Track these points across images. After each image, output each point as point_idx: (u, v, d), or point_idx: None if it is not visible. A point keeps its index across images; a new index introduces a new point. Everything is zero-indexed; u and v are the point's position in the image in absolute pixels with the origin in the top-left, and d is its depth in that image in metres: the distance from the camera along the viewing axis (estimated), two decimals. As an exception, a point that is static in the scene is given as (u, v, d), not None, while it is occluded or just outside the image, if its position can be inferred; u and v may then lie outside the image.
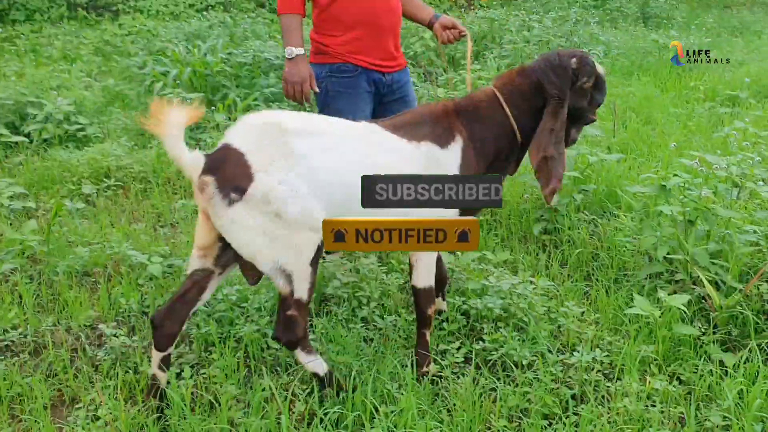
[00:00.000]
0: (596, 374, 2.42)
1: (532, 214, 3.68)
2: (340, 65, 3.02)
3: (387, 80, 3.08)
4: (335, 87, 3.03)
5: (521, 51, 7.36)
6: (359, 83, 3.04)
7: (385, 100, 3.12)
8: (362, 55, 3.00)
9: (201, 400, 2.34)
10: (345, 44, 3.00)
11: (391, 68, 3.08)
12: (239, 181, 2.07)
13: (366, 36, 2.99)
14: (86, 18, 10.43)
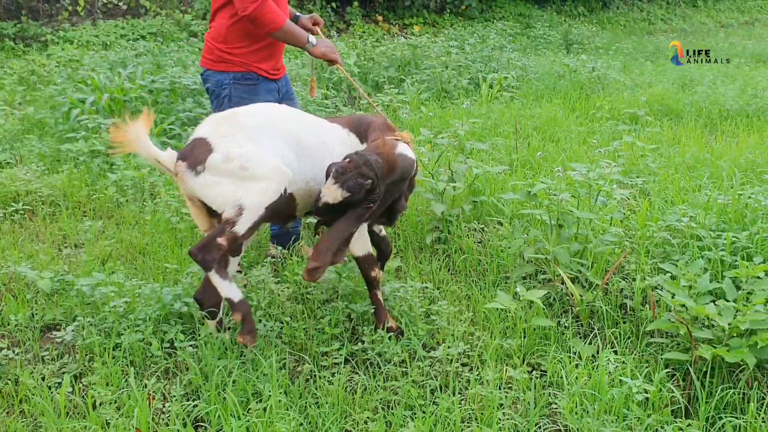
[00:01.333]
0: (458, 366, 2.57)
1: (426, 224, 3.85)
2: (245, 74, 3.31)
3: (280, 86, 3.44)
4: (239, 93, 3.30)
5: (440, 76, 7.62)
6: (260, 90, 3.34)
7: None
8: (263, 65, 3.31)
9: (78, 406, 2.40)
10: (250, 54, 3.29)
11: (278, 75, 3.42)
12: (202, 156, 2.49)
13: (270, 47, 3.33)
14: (14, 48, 10.36)
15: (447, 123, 5.83)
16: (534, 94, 7.55)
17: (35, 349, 2.81)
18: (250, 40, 3.28)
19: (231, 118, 2.61)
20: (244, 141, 2.53)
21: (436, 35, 12.67)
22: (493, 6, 15.47)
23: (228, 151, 2.49)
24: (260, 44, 3.30)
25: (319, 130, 2.80)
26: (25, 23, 11.07)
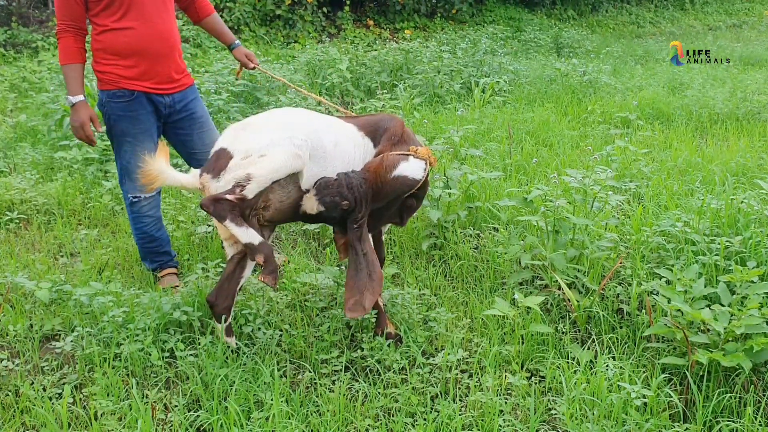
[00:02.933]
0: (457, 373, 2.59)
1: (422, 231, 3.87)
2: (116, 91, 3.19)
3: (167, 101, 3.29)
4: (116, 111, 3.22)
5: (432, 80, 7.65)
6: (137, 107, 3.22)
7: (170, 119, 3.36)
8: (138, 81, 3.18)
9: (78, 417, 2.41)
10: (120, 71, 3.16)
11: (170, 90, 3.29)
12: (224, 162, 2.57)
13: (140, 63, 3.17)
14: (5, 55, 10.31)
15: (440, 128, 5.86)
16: (526, 98, 7.59)
17: (35, 359, 2.81)
18: (116, 58, 3.14)
19: (248, 126, 2.67)
20: (261, 137, 2.59)
21: (427, 39, 12.71)
22: (483, 10, 15.53)
23: (246, 149, 2.56)
24: (129, 61, 3.15)
25: (334, 130, 2.80)
26: (15, 29, 11.03)
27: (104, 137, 5.08)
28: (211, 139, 3.37)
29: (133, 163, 3.22)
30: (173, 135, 3.41)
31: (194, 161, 3.47)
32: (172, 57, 3.27)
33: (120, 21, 3.10)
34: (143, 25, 3.13)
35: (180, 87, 3.33)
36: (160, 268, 3.54)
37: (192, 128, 3.39)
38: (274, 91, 6.83)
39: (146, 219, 3.43)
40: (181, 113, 3.35)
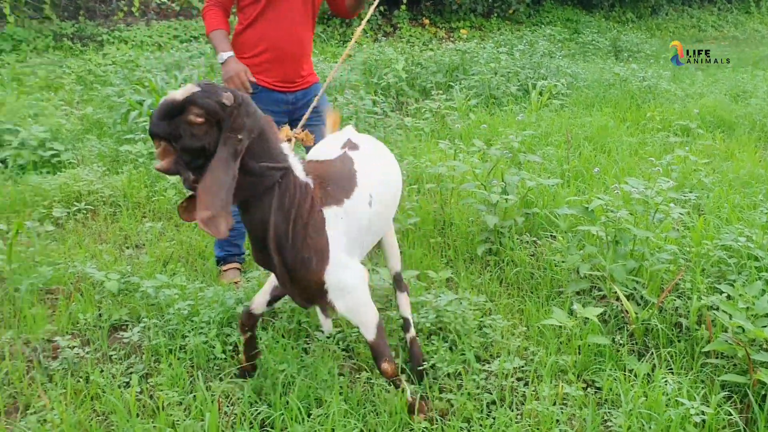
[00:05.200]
0: (513, 381, 2.61)
1: (478, 236, 3.89)
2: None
3: (290, 98, 3.43)
4: None
5: (488, 82, 7.64)
6: (260, 100, 3.27)
7: (294, 116, 3.45)
8: (264, 76, 3.34)
9: (146, 406, 2.51)
10: (251, 66, 3.30)
11: (295, 88, 3.43)
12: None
13: (270, 62, 3.33)
14: (72, 48, 10.67)
15: (496, 131, 5.85)
16: (584, 102, 7.52)
17: (104, 348, 2.93)
18: (250, 52, 3.33)
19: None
20: None
21: (483, 39, 12.66)
22: (540, 11, 15.38)
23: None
24: (260, 58, 3.32)
25: None
26: (82, 23, 11.40)
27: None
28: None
29: None
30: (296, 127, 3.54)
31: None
32: (302, 59, 3.41)
33: (259, 19, 3.25)
34: (280, 26, 3.26)
35: (305, 85, 3.46)
36: (225, 261, 3.63)
37: (312, 121, 3.41)
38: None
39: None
40: (303, 109, 3.43)
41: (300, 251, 2.21)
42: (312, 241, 2.21)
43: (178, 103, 2.02)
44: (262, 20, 3.26)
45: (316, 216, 2.23)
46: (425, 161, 4.80)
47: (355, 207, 2.33)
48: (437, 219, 4.17)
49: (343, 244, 2.28)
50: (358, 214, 2.34)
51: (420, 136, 6.11)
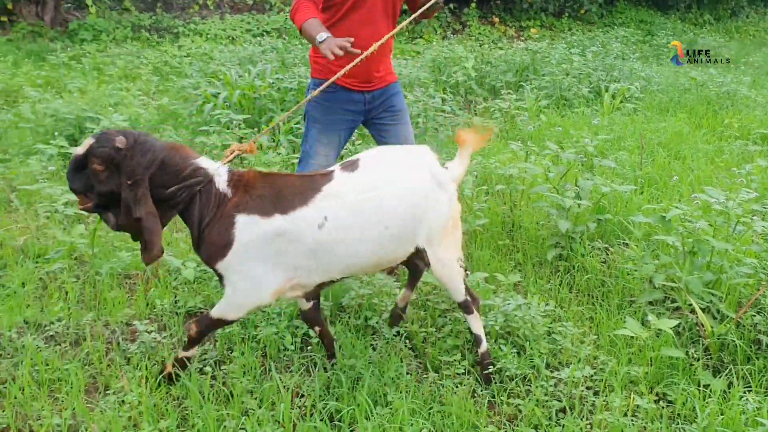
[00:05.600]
0: (583, 390, 2.57)
1: (548, 240, 3.84)
2: (323, 80, 3.33)
3: (368, 98, 3.43)
4: (316, 98, 3.39)
5: (559, 83, 7.52)
6: (337, 98, 3.41)
7: (371, 114, 3.49)
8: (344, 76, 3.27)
9: (219, 392, 2.58)
10: (330, 64, 3.29)
11: (372, 87, 3.43)
12: None
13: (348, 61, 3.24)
14: (149, 39, 11.00)
15: (567, 133, 5.76)
16: (657, 106, 7.33)
17: (179, 334, 3.02)
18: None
19: None
20: None
21: (553, 39, 12.48)
22: (613, 11, 15.04)
23: None
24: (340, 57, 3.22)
25: None
26: (159, 15, 11.74)
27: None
28: (404, 133, 3.50)
29: (313, 150, 3.41)
30: (372, 126, 3.55)
31: None
32: (382, 60, 3.41)
33: (343, 20, 3.26)
34: (362, 28, 3.24)
35: (382, 84, 3.46)
36: None
37: (388, 121, 3.50)
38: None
39: None
40: (380, 108, 3.47)
41: (206, 246, 2.44)
42: (212, 238, 2.41)
43: (81, 157, 2.33)
44: (345, 21, 3.27)
45: (225, 220, 2.40)
46: (494, 162, 4.77)
47: (291, 225, 2.39)
48: (506, 221, 4.14)
49: (256, 252, 2.39)
50: (297, 233, 2.39)
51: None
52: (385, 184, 2.50)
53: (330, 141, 3.45)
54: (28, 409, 2.50)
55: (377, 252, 2.51)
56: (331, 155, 3.48)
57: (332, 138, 3.45)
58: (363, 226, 2.45)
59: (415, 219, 2.54)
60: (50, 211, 4.12)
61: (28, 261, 3.62)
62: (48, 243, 3.77)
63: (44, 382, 2.64)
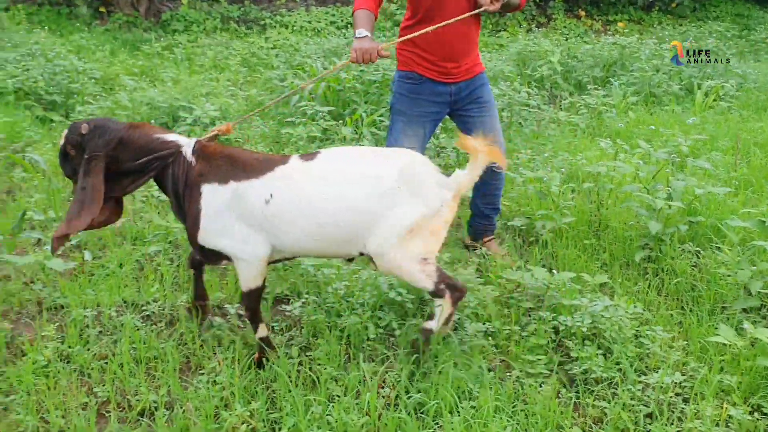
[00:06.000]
0: (672, 396, 2.51)
1: (636, 241, 3.75)
2: (408, 73, 3.47)
3: (454, 89, 3.45)
4: (401, 90, 3.50)
5: (649, 79, 7.30)
6: (422, 90, 3.45)
7: (456, 105, 3.51)
8: (429, 68, 3.39)
9: (305, 378, 2.65)
10: (415, 56, 3.40)
11: (459, 79, 3.44)
12: None
13: (436, 56, 3.37)
14: (237, 30, 11.30)
15: (657, 131, 5.59)
16: (754, 105, 7.01)
17: (267, 319, 3.11)
18: (414, 45, 3.38)
19: None
20: None
21: (641, 33, 12.10)
22: (707, 5, 14.43)
23: None
24: (426, 52, 3.37)
25: None
26: (247, 7, 12.02)
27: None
28: (491, 124, 3.52)
29: (399, 142, 3.46)
30: (458, 118, 3.58)
31: None
32: (468, 53, 3.43)
33: (429, 16, 3.27)
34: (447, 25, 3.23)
35: (469, 75, 3.47)
36: None
37: (475, 112, 3.52)
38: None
39: None
40: (466, 99, 3.49)
41: (188, 213, 2.67)
42: (189, 208, 2.66)
43: (62, 146, 2.70)
44: (431, 17, 3.26)
45: (194, 189, 2.64)
46: (582, 158, 4.68)
47: (244, 192, 2.57)
48: (592, 220, 4.06)
49: (226, 216, 2.58)
50: (248, 201, 2.57)
51: (575, 132, 5.96)
52: (334, 179, 2.56)
53: (415, 133, 3.48)
54: (127, 384, 2.63)
55: (316, 242, 2.60)
56: (417, 148, 3.48)
57: (417, 131, 3.49)
58: (301, 214, 2.55)
59: (358, 222, 2.55)
60: (147, 196, 4.31)
61: (126, 243, 3.80)
62: (144, 227, 3.95)
63: (142, 359, 2.78)
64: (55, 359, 2.76)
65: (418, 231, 2.56)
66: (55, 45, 8.13)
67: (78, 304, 3.14)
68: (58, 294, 3.26)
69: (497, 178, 3.71)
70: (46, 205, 4.22)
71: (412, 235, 2.56)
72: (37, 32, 8.92)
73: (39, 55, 7.30)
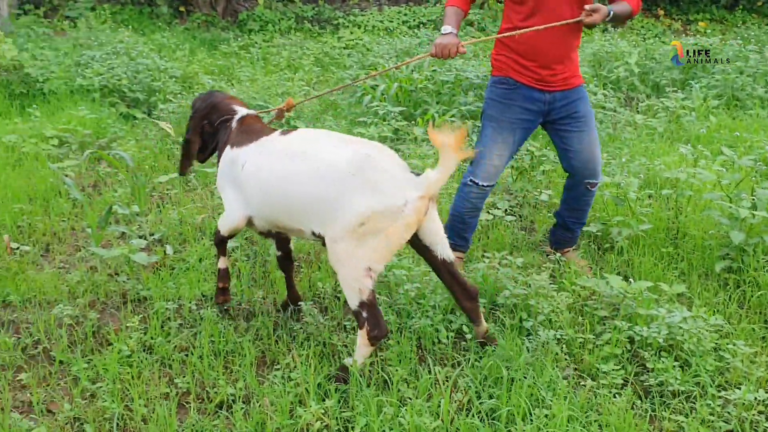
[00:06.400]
0: (755, 414, 2.43)
1: (716, 251, 3.64)
2: (501, 78, 3.40)
3: (548, 98, 3.34)
4: (494, 95, 3.43)
5: (732, 82, 7.03)
6: (515, 96, 3.36)
7: (550, 117, 3.41)
8: (522, 72, 3.32)
9: (377, 378, 2.69)
10: (510, 61, 3.34)
11: (554, 88, 3.33)
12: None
13: (533, 62, 3.29)
14: (310, 30, 11.46)
15: (741, 137, 5.39)
16: None
17: (339, 317, 3.17)
18: (510, 50, 3.34)
19: None
20: None
21: (723, 33, 11.66)
22: (796, 2, 13.77)
23: None
24: (522, 58, 3.30)
25: None
26: (321, 6, 12.18)
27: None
28: (588, 141, 3.42)
29: (487, 148, 3.40)
30: (552, 131, 3.49)
31: (565, 160, 3.53)
32: (567, 60, 3.33)
33: (525, 21, 3.24)
34: (546, 31, 3.18)
35: (566, 86, 3.36)
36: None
37: (571, 126, 3.41)
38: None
39: (468, 204, 3.53)
40: (561, 111, 3.38)
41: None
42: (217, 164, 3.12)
43: None
44: (531, 22, 3.21)
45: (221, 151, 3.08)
46: (660, 164, 4.56)
47: (235, 157, 2.92)
48: (670, 228, 3.96)
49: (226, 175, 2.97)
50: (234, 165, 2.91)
51: (652, 136, 5.81)
52: (292, 157, 2.67)
53: (504, 140, 3.42)
54: (206, 376, 2.73)
55: (273, 213, 2.80)
56: (505, 155, 3.46)
57: (507, 137, 3.42)
58: (259, 184, 2.77)
59: (305, 202, 2.61)
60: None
61: (205, 238, 3.93)
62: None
63: (220, 352, 2.87)
64: (139, 349, 2.88)
65: (372, 229, 2.46)
66: (137, 44, 8.43)
67: (160, 297, 3.27)
68: (141, 286, 3.40)
69: (589, 194, 3.60)
70: (130, 199, 4.40)
71: (364, 231, 2.46)
72: (121, 31, 9.28)
73: (123, 54, 7.60)
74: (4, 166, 4.91)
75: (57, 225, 4.13)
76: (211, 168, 4.72)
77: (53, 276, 3.49)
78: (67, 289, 3.39)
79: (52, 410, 2.58)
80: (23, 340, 2.99)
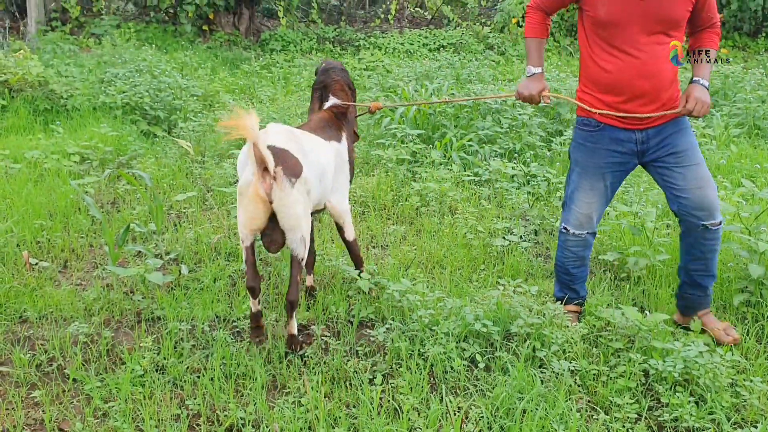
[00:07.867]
0: (772, 454, 2.39)
1: (735, 284, 3.59)
2: (585, 119, 3.13)
3: (640, 137, 3.04)
4: (579, 138, 3.19)
5: (754, 111, 6.99)
6: (600, 139, 3.09)
7: (646, 156, 3.10)
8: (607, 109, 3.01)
9: (387, 406, 2.67)
10: (594, 102, 3.05)
11: (643, 126, 3.03)
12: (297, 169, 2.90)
13: (617, 98, 2.99)
14: (332, 51, 11.57)
15: (762, 169, 5.34)
16: None
17: (351, 342, 3.16)
18: (595, 89, 3.06)
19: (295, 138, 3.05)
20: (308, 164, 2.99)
21: (746, 60, 11.60)
22: (821, 31, 13.68)
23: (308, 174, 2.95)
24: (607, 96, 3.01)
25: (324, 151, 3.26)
26: (342, 28, 12.30)
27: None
28: (695, 176, 3.02)
29: (574, 195, 3.20)
30: (652, 170, 3.15)
31: (672, 201, 3.11)
32: (656, 96, 2.98)
33: (603, 47, 3.00)
34: (629, 60, 2.95)
35: (659, 121, 3.02)
36: (564, 302, 3.36)
37: (670, 163, 3.04)
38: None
39: (568, 253, 3.31)
40: (657, 148, 3.05)
41: None
42: None
43: None
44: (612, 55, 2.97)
45: None
46: (678, 194, 4.52)
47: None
48: (688, 259, 3.91)
49: None
50: None
51: (671, 165, 5.76)
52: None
53: (593, 187, 3.15)
54: (217, 399, 2.73)
55: None
56: (596, 203, 3.18)
57: (595, 184, 3.14)
58: None
59: None
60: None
61: (220, 258, 3.95)
62: (238, 243, 4.09)
63: (231, 375, 2.87)
64: (151, 369, 2.89)
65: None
66: (160, 62, 8.55)
67: (174, 317, 3.28)
68: (155, 306, 3.42)
69: (713, 237, 3.10)
70: (147, 218, 4.44)
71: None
72: (145, 49, 9.42)
73: (146, 72, 7.71)
74: (26, 182, 4.98)
75: (76, 242, 4.18)
76: (229, 188, 4.76)
77: (70, 293, 3.52)
78: (83, 307, 3.42)
79: (63, 429, 2.59)
80: (38, 356, 3.01)
